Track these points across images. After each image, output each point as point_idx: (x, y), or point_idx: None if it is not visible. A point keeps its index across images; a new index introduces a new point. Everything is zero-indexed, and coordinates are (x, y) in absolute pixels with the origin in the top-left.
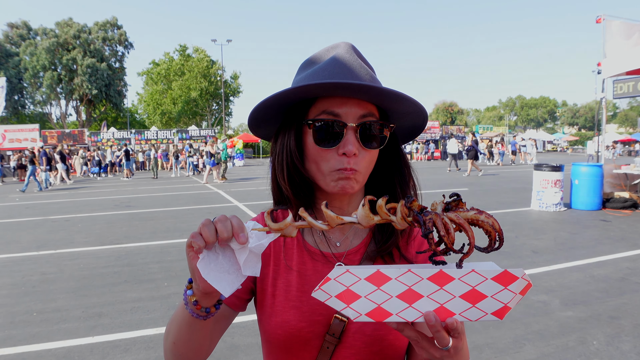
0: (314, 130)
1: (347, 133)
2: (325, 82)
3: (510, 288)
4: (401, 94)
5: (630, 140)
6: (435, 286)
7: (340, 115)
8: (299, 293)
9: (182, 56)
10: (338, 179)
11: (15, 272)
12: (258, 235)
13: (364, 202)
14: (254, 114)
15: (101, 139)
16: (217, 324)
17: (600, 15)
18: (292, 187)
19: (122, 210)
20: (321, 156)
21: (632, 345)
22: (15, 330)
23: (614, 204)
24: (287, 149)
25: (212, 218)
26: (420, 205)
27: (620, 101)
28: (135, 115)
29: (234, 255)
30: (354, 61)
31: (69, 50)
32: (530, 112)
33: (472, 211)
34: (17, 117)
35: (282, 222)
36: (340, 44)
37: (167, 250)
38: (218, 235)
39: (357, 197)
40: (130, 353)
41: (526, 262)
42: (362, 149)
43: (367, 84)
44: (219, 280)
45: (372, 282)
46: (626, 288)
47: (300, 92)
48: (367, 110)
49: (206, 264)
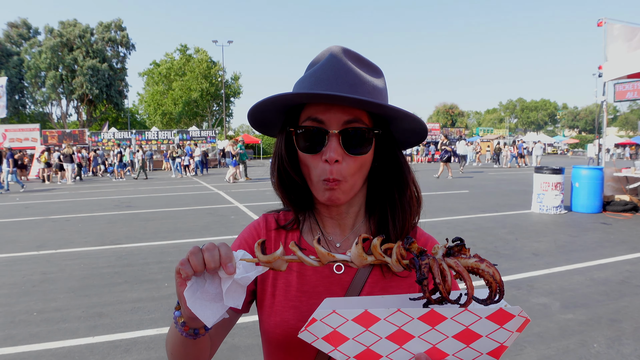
0: (297, 138)
1: (329, 140)
2: (300, 92)
3: (506, 327)
4: (377, 103)
5: (630, 143)
6: (427, 326)
7: (323, 122)
8: (298, 293)
9: (183, 56)
10: (324, 189)
11: (16, 271)
12: (246, 267)
13: (358, 241)
14: (252, 118)
15: (102, 139)
16: (217, 327)
17: (602, 18)
18: (284, 191)
19: (123, 211)
20: (309, 162)
21: (632, 348)
22: (16, 329)
23: (614, 207)
24: (278, 154)
25: (202, 245)
26: (420, 247)
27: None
28: (136, 116)
29: (220, 284)
30: (341, 67)
31: (72, 50)
32: (530, 115)
33: (473, 258)
34: (17, 117)
35: (272, 255)
36: (331, 48)
37: (167, 250)
38: (205, 265)
39: (355, 203)
40: (130, 353)
41: (526, 265)
42: (346, 156)
43: (339, 95)
44: (204, 309)
45: (360, 323)
46: (627, 291)
47: (286, 100)
48: (352, 116)
49: (192, 292)
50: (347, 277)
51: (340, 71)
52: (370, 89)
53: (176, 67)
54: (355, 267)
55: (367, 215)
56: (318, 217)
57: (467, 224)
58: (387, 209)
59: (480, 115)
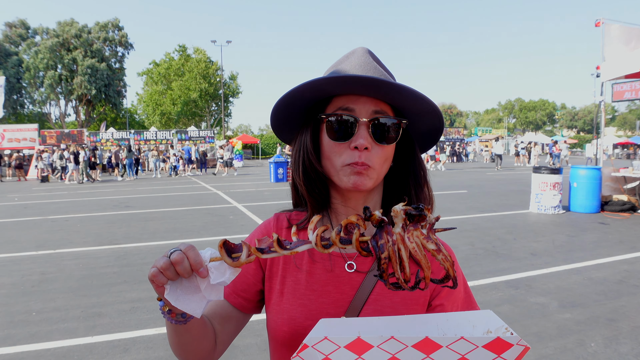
0: (327, 125)
1: (359, 127)
2: (335, 76)
3: (504, 356)
4: (412, 90)
5: (628, 143)
6: (421, 354)
7: (354, 111)
8: (307, 291)
9: (182, 56)
10: (350, 173)
11: (15, 271)
12: (218, 267)
13: (317, 232)
14: (274, 114)
15: (100, 139)
16: (223, 325)
17: (600, 18)
18: (308, 183)
19: (121, 211)
20: (334, 151)
21: (629, 348)
22: (15, 329)
23: (612, 207)
24: (303, 145)
25: (169, 251)
26: (380, 217)
27: (618, 104)
28: (135, 116)
29: (196, 279)
30: (369, 63)
31: (70, 50)
32: (529, 115)
33: (431, 244)
34: (15, 117)
35: (238, 262)
36: (357, 49)
37: (166, 250)
38: (179, 275)
39: (373, 196)
40: (129, 353)
41: (524, 265)
42: (374, 144)
43: (376, 78)
44: (188, 303)
45: (352, 350)
46: (624, 290)
47: (314, 89)
48: (379, 108)
49: (173, 292)
50: (358, 277)
51: (370, 65)
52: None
53: (175, 67)
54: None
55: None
56: (333, 216)
57: (465, 223)
58: None
59: (478, 115)
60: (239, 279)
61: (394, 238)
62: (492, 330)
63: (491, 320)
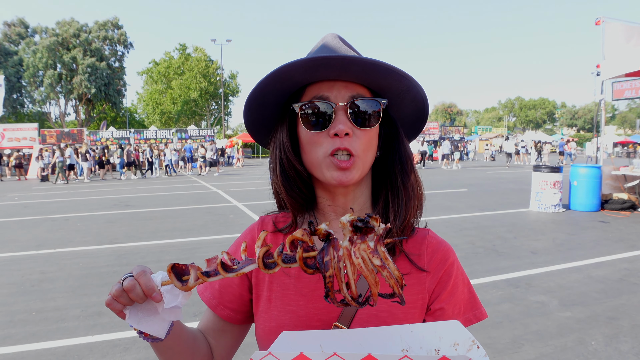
0: (303, 116)
1: (336, 113)
2: (299, 59)
3: None
4: (386, 64)
5: (628, 142)
6: None
7: (328, 98)
8: (296, 297)
9: (182, 55)
10: (333, 168)
11: (15, 271)
12: (170, 291)
13: (259, 255)
14: (247, 114)
15: (100, 138)
16: (218, 340)
17: (600, 17)
18: (286, 183)
19: (121, 210)
20: (313, 142)
21: (630, 346)
22: (15, 329)
23: (612, 205)
24: (280, 142)
25: (123, 277)
26: (326, 230)
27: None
28: (135, 115)
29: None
30: (340, 47)
31: (69, 49)
32: (529, 114)
33: (376, 259)
34: (15, 116)
35: (187, 286)
36: (327, 35)
37: (166, 250)
38: (133, 301)
39: (361, 190)
40: (129, 352)
41: (525, 263)
42: (355, 129)
43: (343, 55)
44: (151, 324)
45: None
46: (624, 289)
47: (282, 78)
48: (356, 92)
49: (134, 316)
50: None
51: (341, 49)
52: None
53: (175, 66)
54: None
55: (372, 209)
56: (320, 217)
57: (465, 222)
58: (394, 197)
59: (479, 113)
60: (225, 290)
61: (339, 253)
62: (459, 342)
63: (459, 332)
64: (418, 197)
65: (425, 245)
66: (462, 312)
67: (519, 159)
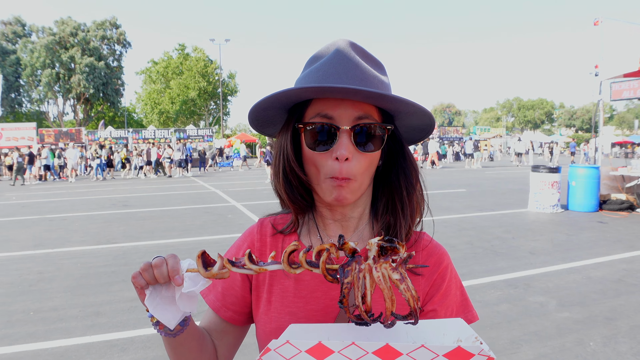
0: (306, 134)
1: (340, 136)
2: (311, 86)
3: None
4: (393, 96)
5: (626, 142)
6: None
7: (334, 118)
8: (295, 299)
9: (180, 55)
10: (332, 187)
11: (12, 270)
12: (193, 278)
13: (283, 258)
14: (253, 116)
15: (98, 137)
16: (221, 340)
17: (598, 17)
18: (289, 191)
19: (119, 210)
20: (314, 160)
21: (628, 347)
22: (12, 329)
23: (610, 206)
24: (284, 151)
25: (153, 258)
26: (353, 248)
27: (617, 103)
28: (133, 115)
29: (174, 288)
30: (349, 61)
31: (67, 48)
32: (527, 114)
33: (396, 274)
34: (13, 116)
35: (210, 272)
36: (338, 41)
37: (164, 249)
38: (156, 279)
39: (360, 204)
40: (127, 352)
41: (523, 264)
42: (357, 153)
43: (352, 88)
44: (164, 312)
45: (313, 354)
46: (622, 289)
47: (292, 95)
48: (363, 112)
49: (152, 299)
50: None
51: (349, 65)
52: (378, 84)
53: (173, 66)
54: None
55: (371, 216)
56: (319, 219)
57: (463, 222)
58: (396, 208)
59: (477, 114)
60: (227, 292)
61: (361, 266)
62: (462, 338)
63: (462, 328)
64: (421, 207)
65: (420, 249)
66: (454, 314)
67: (528, 159)
